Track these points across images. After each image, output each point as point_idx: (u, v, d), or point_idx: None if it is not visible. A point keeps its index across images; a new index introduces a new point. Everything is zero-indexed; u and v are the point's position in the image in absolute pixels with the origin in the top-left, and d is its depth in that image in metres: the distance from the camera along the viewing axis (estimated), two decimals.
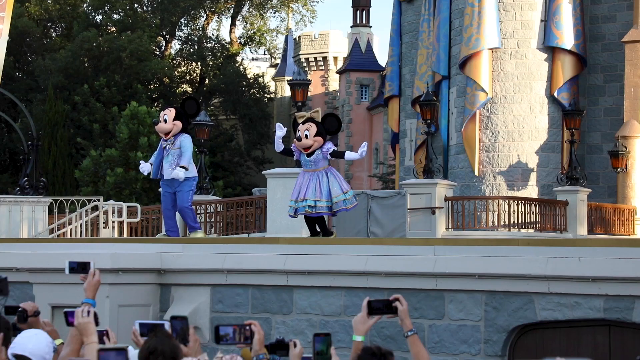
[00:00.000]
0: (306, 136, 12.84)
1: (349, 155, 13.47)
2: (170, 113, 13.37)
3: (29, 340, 5.42)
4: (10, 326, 5.76)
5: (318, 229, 13.35)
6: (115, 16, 50.83)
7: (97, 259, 10.50)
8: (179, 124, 13.32)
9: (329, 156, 12.96)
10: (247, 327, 5.04)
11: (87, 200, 20.02)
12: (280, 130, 13.23)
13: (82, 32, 47.25)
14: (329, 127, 13.15)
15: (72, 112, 45.34)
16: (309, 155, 12.90)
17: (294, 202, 12.99)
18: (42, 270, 11.19)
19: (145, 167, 13.61)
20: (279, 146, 13.32)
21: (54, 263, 10.60)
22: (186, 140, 13.33)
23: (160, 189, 14.04)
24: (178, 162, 13.21)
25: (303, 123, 13.05)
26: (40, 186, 19.14)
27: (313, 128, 12.87)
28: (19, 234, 18.24)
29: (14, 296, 11.75)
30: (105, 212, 19.55)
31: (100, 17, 51.40)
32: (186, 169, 13.23)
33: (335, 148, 13.20)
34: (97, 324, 5.27)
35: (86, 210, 19.59)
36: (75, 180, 40.78)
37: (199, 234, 13.62)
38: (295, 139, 13.09)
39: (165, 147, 13.38)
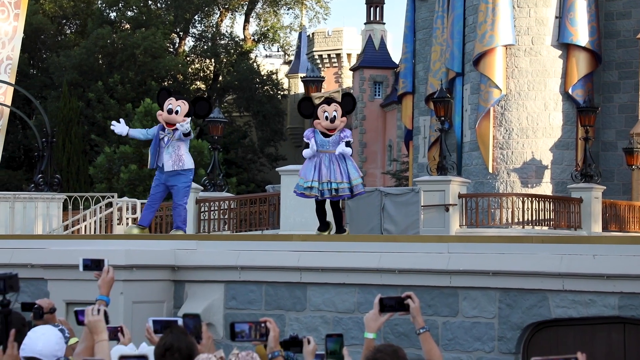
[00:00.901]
0: (334, 117, 12.62)
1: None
2: (184, 107, 13.00)
3: (38, 340, 5.40)
4: (26, 322, 5.78)
5: (328, 219, 13.11)
6: (129, 13, 50.92)
7: (111, 256, 10.54)
8: (187, 120, 13.03)
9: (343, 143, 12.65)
10: (263, 324, 5.04)
11: (101, 196, 20.09)
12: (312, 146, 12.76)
13: (96, 29, 47.36)
14: (346, 107, 12.91)
15: (86, 109, 45.46)
16: (328, 136, 12.66)
17: (318, 184, 12.62)
18: (56, 266, 11.22)
19: (121, 128, 13.12)
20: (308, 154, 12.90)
21: (68, 259, 10.63)
22: (186, 124, 12.99)
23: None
24: (178, 153, 12.91)
25: (329, 104, 12.76)
26: (55, 183, 19.21)
27: (340, 109, 12.68)
28: (34, 231, 18.31)
29: (28, 292, 11.80)
30: (120, 209, 19.61)
31: (115, 14, 51.51)
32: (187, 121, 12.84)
33: (352, 140, 12.98)
34: (107, 321, 5.28)
35: (100, 207, 19.66)
36: (90, 176, 40.88)
37: (179, 232, 13.15)
38: (316, 121, 12.72)
39: (163, 137, 13.01)
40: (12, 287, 4.92)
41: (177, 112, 12.93)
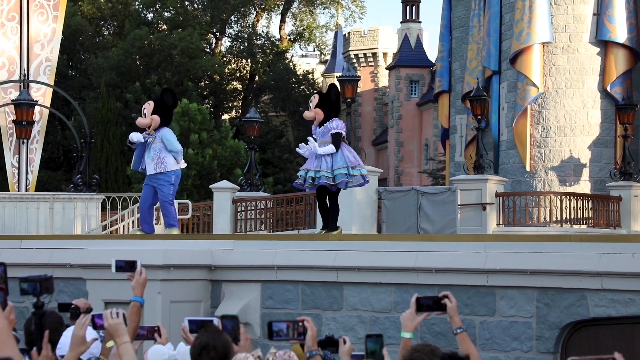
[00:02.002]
0: (309, 108, 12.55)
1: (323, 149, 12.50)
2: (149, 107, 13.02)
3: None
4: (63, 321, 5.83)
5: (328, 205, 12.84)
6: (166, 14, 51.22)
7: (149, 256, 10.62)
8: (156, 118, 12.93)
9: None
10: (300, 323, 5.04)
11: (139, 197, 20.20)
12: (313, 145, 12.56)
13: (134, 30, 47.69)
14: (333, 96, 12.63)
15: (124, 110, 45.80)
16: (319, 127, 12.49)
17: (305, 172, 12.53)
18: (95, 266, 11.30)
19: (135, 137, 13.06)
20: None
21: (106, 259, 10.65)
22: (167, 133, 12.98)
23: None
24: (160, 156, 12.89)
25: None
26: (93, 183, 19.37)
27: (315, 99, 12.55)
28: (73, 231, 18.47)
29: (67, 292, 11.91)
30: (157, 209, 19.70)
31: (152, 15, 51.85)
32: (177, 152, 12.87)
33: (341, 132, 12.43)
34: (125, 324, 5.31)
35: (138, 207, 19.76)
36: (128, 177, 41.18)
37: (174, 231, 13.13)
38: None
39: (147, 140, 13.02)
40: (48, 289, 4.97)
41: (144, 115, 13.02)
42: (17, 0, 24.65)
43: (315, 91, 13.02)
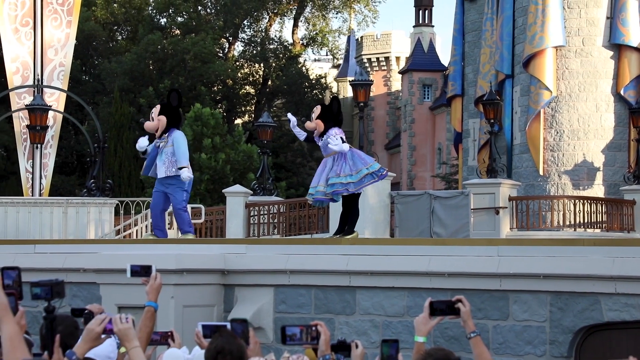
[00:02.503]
0: (311, 119, 12.60)
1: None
2: (155, 110, 13.03)
3: None
4: (78, 325, 5.85)
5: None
6: (179, 19, 51.35)
7: (162, 260, 10.64)
8: (163, 119, 12.88)
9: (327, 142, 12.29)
10: (314, 328, 5.05)
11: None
12: (292, 119, 12.81)
13: (147, 35, 47.83)
14: (334, 109, 12.62)
15: (137, 115, 45.90)
16: (321, 139, 12.50)
17: (312, 189, 12.58)
18: (108, 271, 11.33)
19: (142, 143, 13.08)
20: (300, 135, 12.90)
21: (120, 264, 10.72)
22: (179, 137, 12.90)
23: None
24: (172, 159, 12.81)
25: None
26: (107, 188, 19.42)
27: (317, 110, 12.56)
28: (86, 235, 18.52)
29: (81, 296, 11.95)
30: (170, 214, 19.73)
31: (165, 20, 51.98)
32: (186, 167, 12.78)
33: (338, 137, 12.31)
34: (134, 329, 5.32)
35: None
36: (141, 181, 41.27)
37: (189, 237, 13.09)
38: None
39: (159, 145, 12.97)
40: (59, 294, 4.99)
41: (152, 119, 13.04)
42: (31, 6, 24.76)
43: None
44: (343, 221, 12.80)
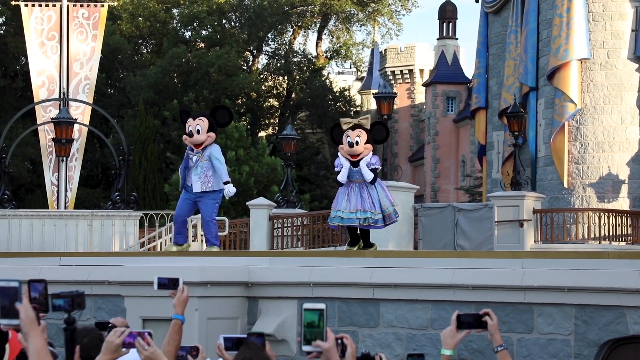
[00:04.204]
0: (357, 143, 12.45)
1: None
2: (203, 124, 12.70)
3: None
4: (103, 338, 5.89)
5: (358, 233, 12.91)
6: (203, 32, 51.58)
7: (186, 272, 10.67)
8: (213, 135, 12.75)
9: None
10: (339, 341, 5.06)
11: None
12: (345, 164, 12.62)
13: (172, 48, 48.08)
14: (377, 135, 12.71)
15: (162, 127, 46.12)
16: (355, 165, 12.48)
17: (342, 212, 12.50)
18: (133, 283, 11.37)
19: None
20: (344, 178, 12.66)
21: (144, 276, 10.77)
22: (216, 152, 12.76)
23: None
24: (207, 174, 12.67)
25: (353, 129, 12.59)
26: (131, 200, 19.52)
27: (364, 135, 12.46)
28: (111, 248, 18.62)
29: (106, 309, 12.00)
30: (194, 226, 19.80)
31: (189, 33, 52.24)
32: (229, 182, 12.73)
33: (379, 167, 12.63)
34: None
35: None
36: (165, 194, 41.41)
37: (214, 249, 13.01)
38: (340, 146, 12.62)
39: (192, 158, 12.78)
40: (80, 305, 5.02)
41: (198, 132, 12.72)
42: (57, 20, 24.97)
43: (351, 124, 12.77)
44: (353, 231, 12.87)
